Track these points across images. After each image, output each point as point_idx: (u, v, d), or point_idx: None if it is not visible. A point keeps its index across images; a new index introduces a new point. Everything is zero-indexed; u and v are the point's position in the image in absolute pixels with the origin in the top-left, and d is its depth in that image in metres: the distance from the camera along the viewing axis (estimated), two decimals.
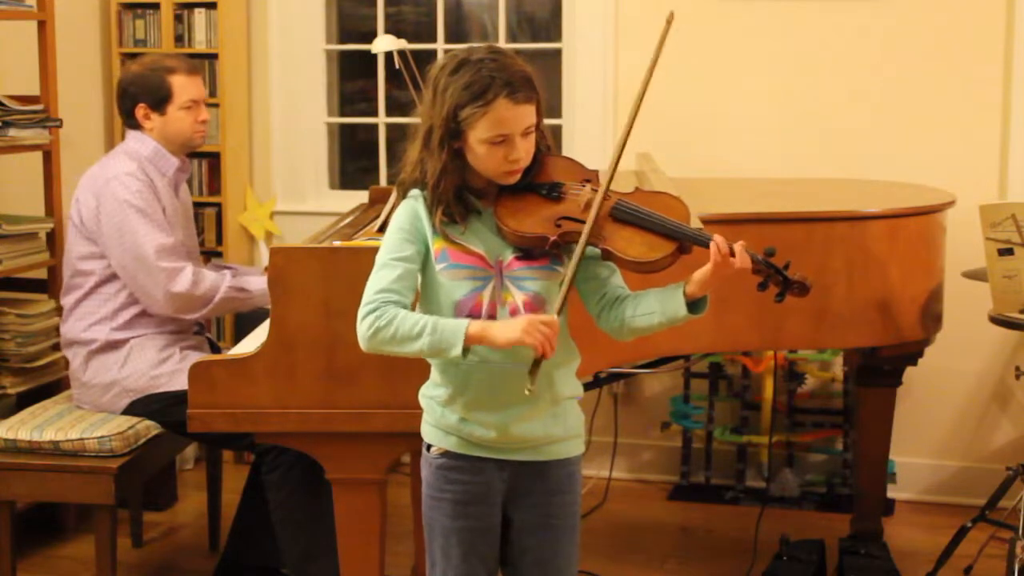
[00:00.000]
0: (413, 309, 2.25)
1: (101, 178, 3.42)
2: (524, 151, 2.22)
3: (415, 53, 3.69)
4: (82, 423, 3.35)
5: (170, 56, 3.64)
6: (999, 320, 3.33)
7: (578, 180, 2.31)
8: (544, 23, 4.81)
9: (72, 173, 3.52)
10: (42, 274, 4.01)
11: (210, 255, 4.74)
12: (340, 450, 2.71)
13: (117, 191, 3.37)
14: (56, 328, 3.77)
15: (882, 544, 3.70)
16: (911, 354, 3.58)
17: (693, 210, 2.33)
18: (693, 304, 2.21)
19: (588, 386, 2.51)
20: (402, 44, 3.74)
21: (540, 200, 2.27)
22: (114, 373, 3.42)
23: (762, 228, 3.16)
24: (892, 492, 4.20)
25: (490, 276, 2.24)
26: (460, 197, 2.24)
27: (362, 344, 2.21)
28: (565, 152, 3.13)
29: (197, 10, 4.61)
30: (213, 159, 4.71)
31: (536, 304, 2.24)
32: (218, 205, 4.71)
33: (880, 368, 3.62)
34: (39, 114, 3.88)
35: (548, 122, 2.31)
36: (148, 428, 3.40)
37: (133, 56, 4.60)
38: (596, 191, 2.26)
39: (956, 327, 3.75)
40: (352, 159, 5.11)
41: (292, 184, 4.82)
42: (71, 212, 3.48)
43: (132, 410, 3.41)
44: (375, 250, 2.27)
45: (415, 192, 2.28)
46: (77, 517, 4.06)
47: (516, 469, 2.31)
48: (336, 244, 2.80)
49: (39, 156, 3.96)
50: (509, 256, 2.25)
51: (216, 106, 4.64)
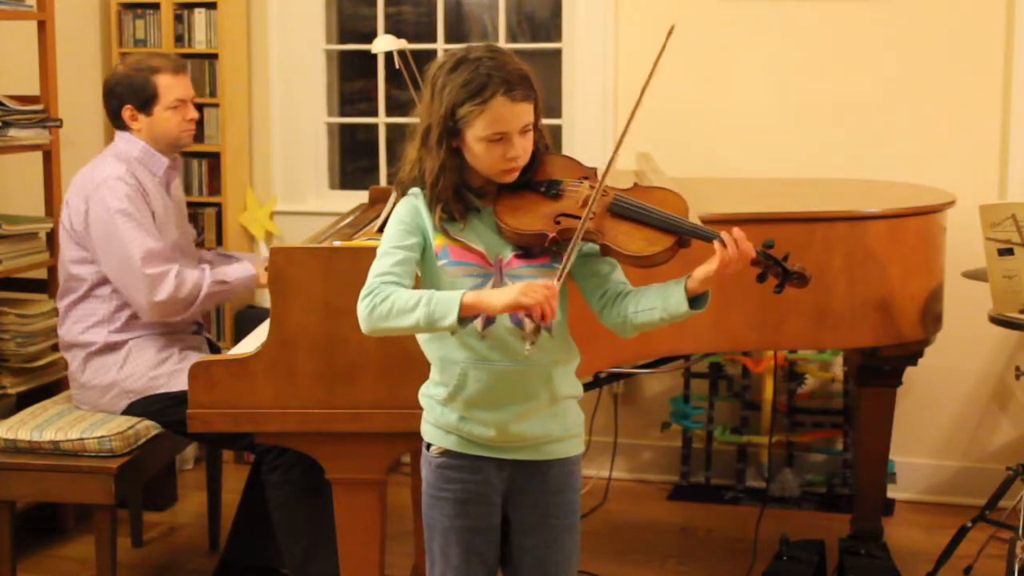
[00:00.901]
0: None
1: (90, 182, 3.40)
2: (522, 149, 2.22)
3: (415, 53, 3.68)
4: (82, 423, 3.35)
5: (155, 55, 3.60)
6: (999, 320, 3.33)
7: (576, 177, 2.31)
8: (544, 23, 4.81)
9: (72, 173, 3.51)
10: (42, 274, 4.01)
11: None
12: (340, 450, 2.71)
13: (105, 196, 3.35)
14: (56, 328, 3.77)
15: (882, 544, 3.70)
16: (911, 354, 3.58)
17: (693, 210, 2.33)
18: (695, 299, 2.21)
19: (588, 386, 2.51)
20: (402, 44, 3.74)
21: (539, 198, 2.27)
22: (113, 374, 3.42)
23: (762, 228, 3.14)
24: (892, 492, 4.21)
25: (490, 274, 2.24)
26: (459, 195, 2.24)
27: (362, 325, 2.20)
28: (565, 152, 3.13)
29: (197, 10, 4.61)
30: (213, 159, 4.71)
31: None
32: (218, 205, 4.71)
33: (880, 368, 3.62)
34: (39, 114, 3.89)
35: (547, 122, 2.31)
36: (148, 428, 3.40)
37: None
38: (594, 188, 2.27)
39: (956, 327, 3.75)
40: (352, 159, 5.11)
41: (292, 184, 4.82)
42: (62, 216, 3.47)
43: (132, 410, 3.41)
44: (375, 250, 2.28)
45: (415, 190, 2.28)
46: (77, 517, 4.06)
47: (515, 468, 2.31)
48: (336, 244, 2.80)
49: (39, 156, 3.96)
50: (509, 254, 2.25)
51: (216, 106, 4.65)
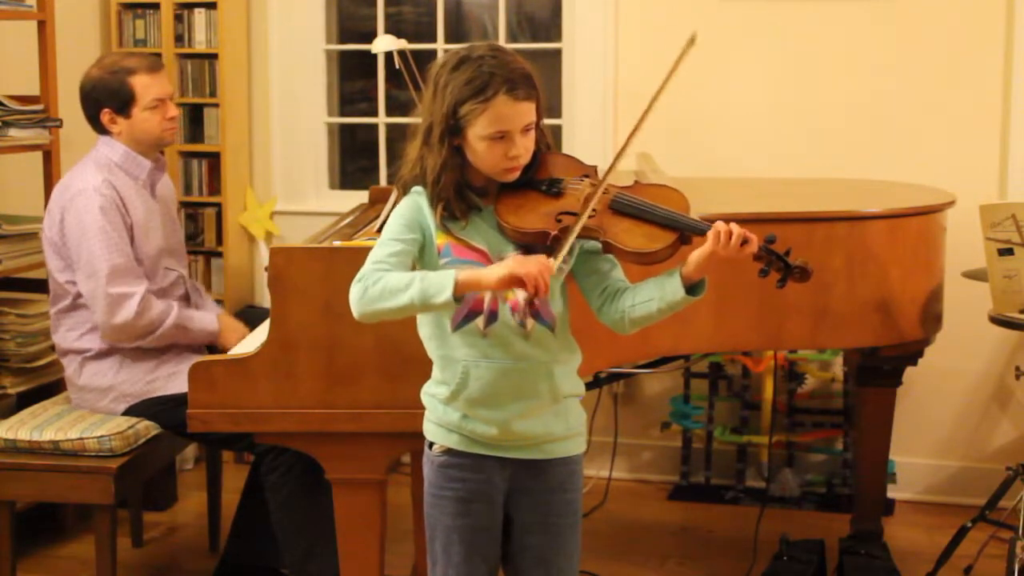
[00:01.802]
0: None
1: (67, 192, 3.36)
2: (524, 148, 2.22)
3: (415, 53, 3.69)
4: (82, 423, 3.35)
5: (129, 55, 3.51)
6: (999, 320, 3.33)
7: (577, 176, 2.32)
8: (544, 23, 4.81)
9: None
10: (42, 274, 3.99)
11: (209, 255, 4.76)
12: (340, 450, 2.71)
13: (79, 207, 3.30)
14: None
15: (882, 544, 3.69)
16: (911, 354, 3.58)
17: (693, 211, 2.33)
18: (692, 287, 2.21)
19: (588, 386, 2.51)
20: (402, 44, 3.74)
21: (540, 196, 2.28)
22: (110, 378, 3.41)
23: (762, 228, 3.12)
24: (892, 492, 4.21)
25: None
26: (460, 194, 2.24)
27: (354, 309, 2.18)
28: (565, 152, 3.13)
29: (197, 10, 4.61)
30: (213, 159, 4.71)
31: (538, 300, 2.24)
32: (218, 205, 4.71)
33: (880, 368, 3.62)
34: (39, 114, 3.88)
35: (547, 122, 2.31)
36: (148, 428, 3.39)
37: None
38: (595, 186, 2.27)
39: (956, 327, 3.75)
40: (352, 159, 5.11)
41: (292, 184, 4.82)
42: (43, 225, 3.43)
43: (131, 413, 3.40)
44: None
45: (417, 188, 2.28)
46: (77, 517, 4.05)
47: (517, 467, 2.31)
48: (336, 244, 2.80)
49: (39, 156, 3.96)
50: (510, 253, 2.25)
51: (216, 106, 4.65)
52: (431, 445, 2.35)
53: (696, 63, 4.45)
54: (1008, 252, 3.24)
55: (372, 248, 2.25)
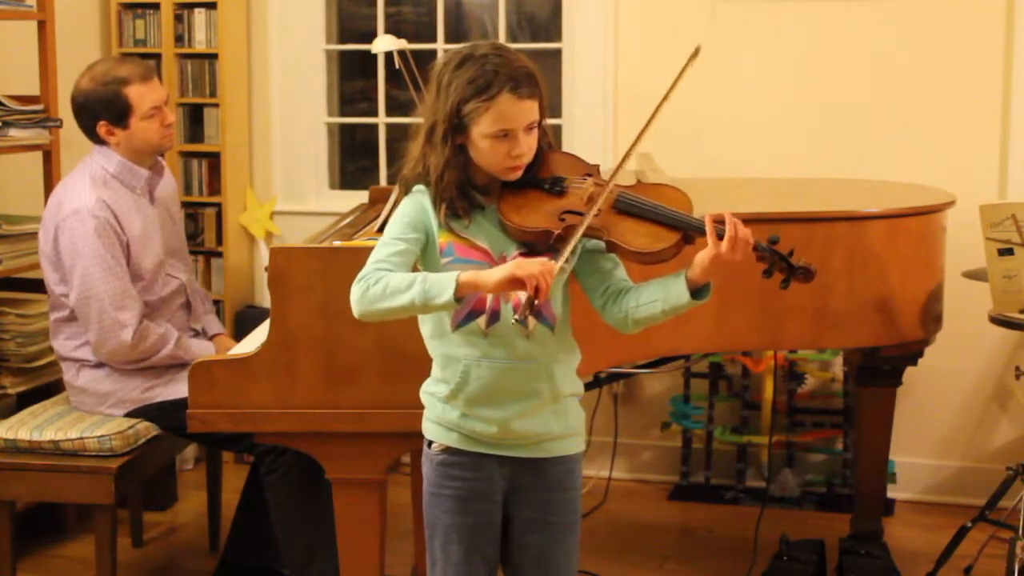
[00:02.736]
0: None
1: (62, 209, 3.31)
2: (527, 147, 2.22)
3: (415, 53, 3.68)
4: (82, 423, 3.35)
5: (120, 63, 3.44)
6: (999, 320, 3.33)
7: (580, 174, 2.32)
8: (544, 23, 4.81)
9: None
10: (42, 274, 4.00)
11: (209, 255, 4.76)
12: (340, 450, 2.71)
13: (73, 228, 3.26)
14: None
15: (882, 544, 3.70)
16: (911, 354, 3.58)
17: (694, 211, 2.33)
18: (696, 291, 2.21)
19: (588, 386, 2.52)
20: (402, 44, 3.74)
21: (543, 195, 2.28)
22: (108, 385, 3.40)
23: (762, 228, 3.13)
24: (892, 492, 4.21)
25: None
26: (463, 192, 2.24)
27: (354, 308, 2.18)
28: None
29: (197, 10, 4.60)
30: (213, 159, 4.71)
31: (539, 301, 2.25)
32: (218, 205, 4.71)
33: (880, 368, 3.62)
34: (39, 114, 3.88)
35: (548, 122, 2.31)
36: (148, 428, 3.39)
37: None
38: (598, 184, 2.27)
39: (956, 327, 3.75)
40: (352, 159, 5.11)
41: (292, 184, 4.82)
42: (39, 236, 3.41)
43: (131, 416, 3.40)
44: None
45: (419, 187, 2.28)
46: (77, 517, 4.05)
47: (516, 466, 2.32)
48: (336, 244, 2.80)
49: (39, 156, 3.96)
50: (513, 251, 2.25)
51: (216, 106, 4.65)
52: (430, 444, 2.35)
53: (697, 63, 4.45)
54: (1008, 252, 3.24)
55: (372, 248, 2.25)
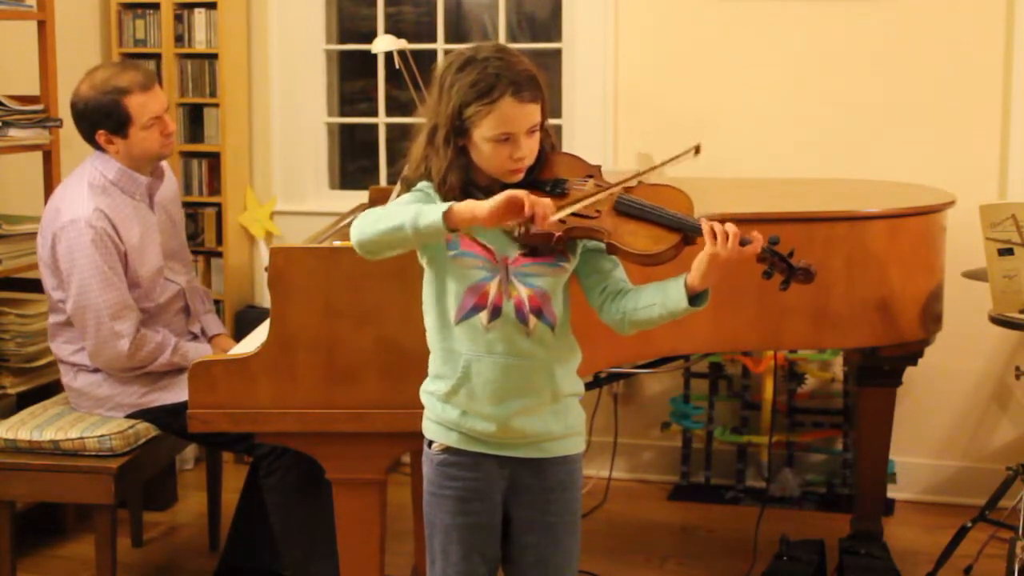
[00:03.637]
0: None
1: (59, 218, 3.28)
2: (528, 150, 2.23)
3: (415, 53, 3.69)
4: (82, 423, 3.35)
5: (121, 71, 3.37)
6: (999, 320, 3.33)
7: (581, 176, 2.32)
8: (544, 23, 4.81)
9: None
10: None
11: (209, 255, 4.76)
12: (340, 450, 2.71)
13: (71, 238, 3.25)
14: None
15: (882, 544, 3.70)
16: (911, 354, 3.58)
17: (694, 207, 2.33)
18: (695, 297, 2.21)
19: (588, 386, 2.51)
20: (402, 44, 3.74)
21: (544, 197, 2.27)
22: (107, 389, 3.39)
23: (762, 228, 3.12)
24: (892, 492, 4.21)
25: (497, 270, 2.25)
26: (466, 193, 2.24)
27: (353, 238, 2.18)
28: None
29: (197, 10, 4.60)
30: (213, 159, 4.71)
31: (541, 299, 2.25)
32: (218, 205, 4.71)
33: (880, 368, 3.62)
34: (39, 114, 3.88)
35: (548, 121, 2.31)
36: (148, 428, 3.39)
37: (133, 56, 4.60)
38: (600, 186, 2.27)
39: (956, 327, 3.75)
40: (352, 159, 5.11)
41: (292, 184, 4.82)
42: (37, 242, 3.40)
43: (130, 417, 3.39)
44: None
45: (424, 184, 2.28)
46: (77, 517, 4.05)
47: (516, 466, 2.32)
48: (336, 244, 2.80)
49: (39, 156, 3.96)
50: (515, 253, 2.25)
51: (216, 106, 4.65)
52: (430, 443, 2.35)
53: (696, 63, 4.46)
54: (1008, 252, 3.24)
55: None
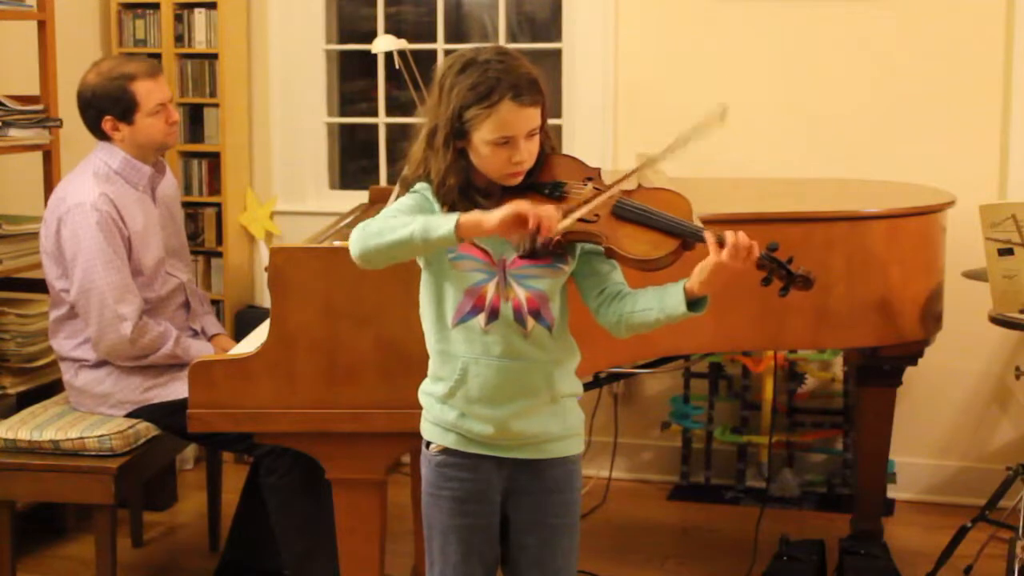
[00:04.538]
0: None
1: (64, 203, 3.31)
2: (528, 153, 2.22)
3: (415, 53, 3.69)
4: (82, 423, 3.35)
5: (127, 60, 3.48)
6: (999, 320, 3.33)
7: (580, 179, 2.31)
8: (544, 23, 4.81)
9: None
10: (42, 274, 4.00)
11: (209, 255, 4.76)
12: (340, 450, 2.71)
13: (76, 221, 3.27)
14: None
15: (882, 544, 3.69)
16: (911, 354, 3.58)
17: (694, 212, 2.33)
18: (693, 303, 2.21)
19: (588, 386, 2.52)
20: (402, 44, 3.75)
21: (543, 200, 2.27)
22: (107, 386, 3.40)
23: (762, 228, 3.14)
24: (892, 492, 4.21)
25: (494, 273, 2.25)
26: (465, 195, 2.24)
27: (353, 249, 2.16)
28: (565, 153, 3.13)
29: (197, 10, 4.61)
30: (213, 159, 4.71)
31: (539, 301, 2.25)
32: (218, 205, 4.71)
33: (880, 368, 3.62)
34: (39, 114, 3.88)
35: (549, 122, 2.31)
36: (148, 428, 3.39)
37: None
38: (598, 189, 2.27)
39: (956, 327, 3.75)
40: (352, 159, 5.11)
41: (292, 184, 4.82)
42: (40, 232, 3.42)
43: (131, 416, 3.40)
44: None
45: (422, 185, 2.28)
46: (77, 517, 4.05)
47: (515, 467, 2.32)
48: (336, 244, 2.80)
49: (39, 156, 3.96)
50: (513, 255, 2.25)
51: (216, 106, 4.65)
52: (428, 444, 2.35)
53: (696, 63, 4.46)
54: (1008, 252, 3.24)
55: None
